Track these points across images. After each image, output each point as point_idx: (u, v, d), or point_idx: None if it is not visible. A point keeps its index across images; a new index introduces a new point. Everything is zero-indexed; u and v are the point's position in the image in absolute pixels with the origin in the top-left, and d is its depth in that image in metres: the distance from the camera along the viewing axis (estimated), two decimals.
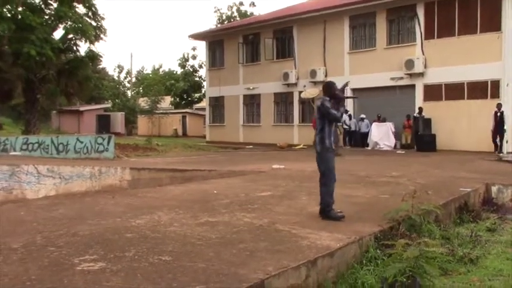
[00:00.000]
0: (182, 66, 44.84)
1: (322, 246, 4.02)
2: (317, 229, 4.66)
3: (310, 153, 16.25)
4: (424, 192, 5.92)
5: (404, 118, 17.79)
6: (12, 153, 14.07)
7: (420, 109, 17.13)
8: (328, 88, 5.16)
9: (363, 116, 19.00)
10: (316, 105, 5.17)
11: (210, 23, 59.54)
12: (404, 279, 3.54)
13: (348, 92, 15.45)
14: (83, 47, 78.12)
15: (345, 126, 19.03)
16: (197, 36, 26.98)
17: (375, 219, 5.13)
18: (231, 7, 40.96)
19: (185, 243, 4.13)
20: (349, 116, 18.99)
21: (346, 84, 5.32)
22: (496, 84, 15.92)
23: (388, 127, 18.01)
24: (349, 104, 19.55)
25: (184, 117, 38.14)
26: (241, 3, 40.91)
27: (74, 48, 21.43)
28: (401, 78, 17.90)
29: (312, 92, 20.36)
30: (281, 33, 22.35)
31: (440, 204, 5.81)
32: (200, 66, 44.42)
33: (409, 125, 17.69)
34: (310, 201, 6.40)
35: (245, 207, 5.90)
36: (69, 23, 20.29)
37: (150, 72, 56.82)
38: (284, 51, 22.23)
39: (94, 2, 20.93)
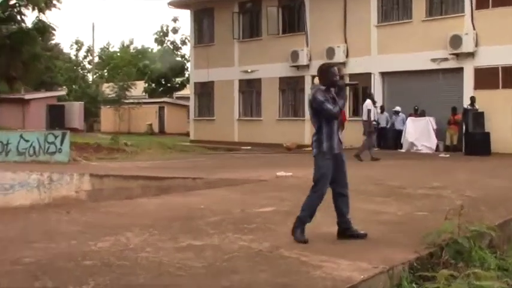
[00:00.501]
0: (160, 42, 45.06)
1: (340, 279, 4.01)
2: (334, 256, 4.65)
3: None
4: (475, 208, 5.92)
5: (448, 112, 17.82)
6: None
7: (472, 99, 16.96)
8: (324, 73, 5.08)
9: (397, 108, 19.03)
10: (308, 98, 5.10)
11: None
12: None
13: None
14: (30, 17, 78.24)
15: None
16: (179, 4, 27.04)
17: (409, 243, 5.12)
18: None
19: (161, 274, 4.12)
20: (381, 108, 19.02)
21: (354, 84, 5.33)
22: None
23: (428, 123, 18.01)
24: (377, 92, 19.63)
25: (161, 109, 38.26)
26: None
27: (18, 17, 21.47)
28: (446, 59, 17.94)
29: None
30: (289, 0, 22.42)
31: (496, 225, 5.80)
32: (183, 43, 44.65)
33: (455, 120, 17.68)
34: (325, 218, 6.39)
35: (240, 226, 5.90)
36: None
37: (117, 50, 56.93)
38: (293, 23, 22.27)
39: None
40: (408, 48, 18.63)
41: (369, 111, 14.65)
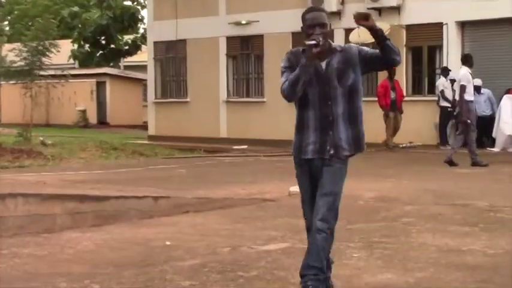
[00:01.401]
0: None
1: None
2: None
3: (369, 161, 16.37)
4: None
5: None
6: None
7: None
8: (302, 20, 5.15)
9: (478, 82, 18.98)
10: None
11: None
12: None
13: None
14: None
15: (443, 104, 19.03)
16: None
17: None
18: None
19: None
20: (451, 81, 19.01)
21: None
22: None
23: None
24: (452, 56, 19.61)
25: (101, 86, 38.20)
26: None
27: None
28: None
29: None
30: None
31: None
32: None
33: None
34: (371, 261, 6.42)
35: (232, 275, 5.93)
36: None
37: None
38: None
39: None
40: None
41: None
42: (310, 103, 5.05)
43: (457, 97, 14.81)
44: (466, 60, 14.93)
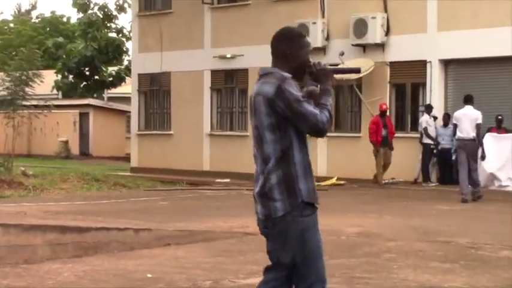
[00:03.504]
0: (82, 8, 45.03)
1: None
2: None
3: (352, 197, 16.39)
4: None
5: None
6: None
7: None
8: (293, 45, 4.50)
9: (453, 120, 19.16)
10: (254, 98, 4.40)
11: None
12: None
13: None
14: None
15: (426, 141, 19.16)
16: None
17: None
18: None
19: None
20: (445, 118, 19.24)
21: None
22: None
23: None
24: (435, 93, 19.77)
25: (84, 117, 38.11)
26: None
27: None
28: None
29: (360, 64, 20.48)
30: None
31: None
32: (120, 9, 44.64)
33: None
34: None
35: None
36: None
37: (10, 19, 57.01)
38: None
39: None
40: (486, 23, 18.77)
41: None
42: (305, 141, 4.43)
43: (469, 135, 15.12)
44: (470, 99, 15.47)
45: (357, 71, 4.82)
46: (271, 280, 4.48)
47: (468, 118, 15.11)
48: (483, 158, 15.68)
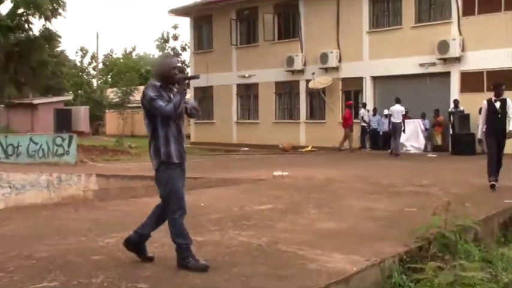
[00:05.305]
0: (161, 48, 44.94)
1: (334, 271, 4.08)
2: (329, 250, 4.72)
3: (320, 157, 16.46)
4: (461, 204, 5.98)
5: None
6: None
7: (456, 102, 17.21)
8: (159, 66, 4.23)
9: (388, 111, 19.10)
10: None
11: None
12: None
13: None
14: (36, 25, 78.07)
15: (363, 124, 19.19)
16: (179, 12, 27.05)
17: (399, 237, 5.19)
18: None
19: (166, 268, 4.18)
20: (374, 111, 19.23)
21: (195, 77, 4.40)
22: None
23: (417, 125, 18.08)
24: (368, 96, 19.71)
25: None
26: None
27: (26, 26, 21.41)
28: (433, 64, 17.99)
29: (323, 81, 20.50)
30: (284, 7, 22.44)
31: (480, 220, 5.87)
32: (183, 49, 44.53)
33: (438, 122, 17.83)
34: (321, 215, 6.47)
35: (240, 223, 5.95)
36: None
37: (120, 56, 56.94)
38: (288, 30, 22.31)
39: None
40: (398, 54, 18.67)
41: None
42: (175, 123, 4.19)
43: (399, 120, 16.05)
44: (399, 100, 16.32)
45: (197, 77, 4.46)
46: (159, 205, 4.38)
47: (397, 111, 16.10)
48: (404, 131, 16.39)
